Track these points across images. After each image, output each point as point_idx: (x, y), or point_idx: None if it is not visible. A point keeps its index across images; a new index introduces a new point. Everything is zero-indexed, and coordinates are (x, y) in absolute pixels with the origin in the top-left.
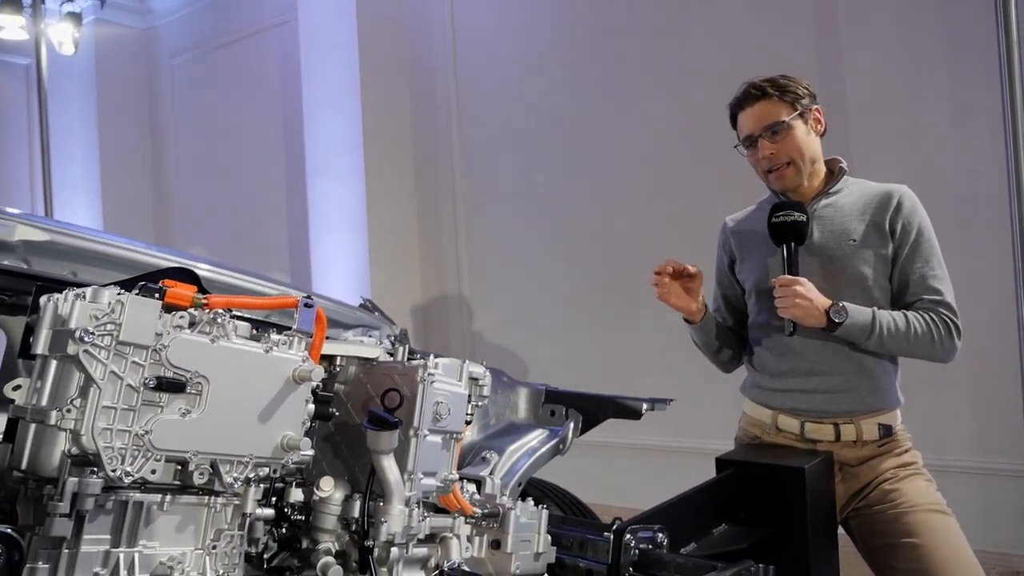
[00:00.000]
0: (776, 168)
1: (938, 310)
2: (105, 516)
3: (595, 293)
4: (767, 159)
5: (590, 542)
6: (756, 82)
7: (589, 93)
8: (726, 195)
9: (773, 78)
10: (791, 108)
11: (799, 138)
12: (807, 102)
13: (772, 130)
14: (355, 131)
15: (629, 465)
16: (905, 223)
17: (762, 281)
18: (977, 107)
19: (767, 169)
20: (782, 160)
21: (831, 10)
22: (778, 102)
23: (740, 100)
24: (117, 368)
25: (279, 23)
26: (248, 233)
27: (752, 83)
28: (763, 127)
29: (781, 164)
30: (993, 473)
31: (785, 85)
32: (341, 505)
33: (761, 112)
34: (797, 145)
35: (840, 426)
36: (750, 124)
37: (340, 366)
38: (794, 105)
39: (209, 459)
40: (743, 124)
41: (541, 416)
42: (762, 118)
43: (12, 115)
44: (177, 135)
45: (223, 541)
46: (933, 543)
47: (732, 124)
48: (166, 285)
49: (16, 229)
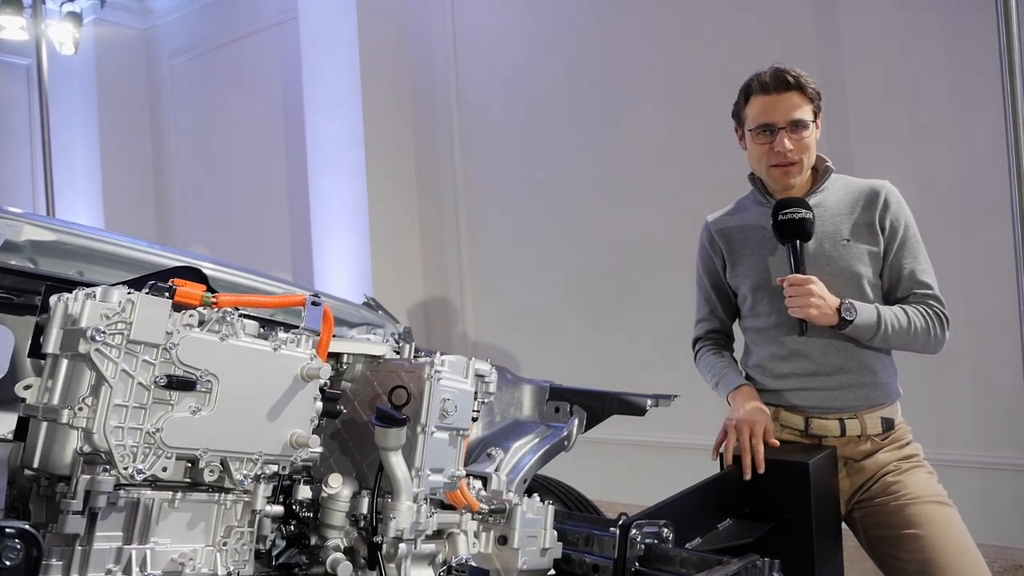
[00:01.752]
0: (785, 164)
1: (930, 303)
2: (117, 513)
3: (597, 289)
4: (781, 153)
5: (596, 537)
6: (789, 69)
7: (590, 91)
8: (729, 193)
9: (797, 72)
10: (812, 107)
11: (812, 140)
12: (820, 103)
13: (797, 126)
14: (356, 129)
15: (632, 461)
16: (893, 220)
17: (762, 282)
18: (977, 105)
19: (776, 163)
20: (794, 157)
21: (831, 10)
22: (806, 98)
23: (768, 83)
24: (128, 367)
25: (280, 22)
26: (250, 232)
27: (785, 69)
28: (789, 120)
29: (792, 161)
30: (994, 467)
31: (811, 82)
32: (349, 502)
33: (791, 104)
34: (810, 146)
35: (845, 421)
36: (774, 112)
37: (347, 364)
38: (814, 104)
39: (219, 456)
40: (764, 108)
41: (545, 413)
42: (791, 109)
43: (13, 115)
44: (178, 134)
45: (233, 538)
46: (935, 534)
47: (742, 103)
48: (175, 284)
49: (23, 229)
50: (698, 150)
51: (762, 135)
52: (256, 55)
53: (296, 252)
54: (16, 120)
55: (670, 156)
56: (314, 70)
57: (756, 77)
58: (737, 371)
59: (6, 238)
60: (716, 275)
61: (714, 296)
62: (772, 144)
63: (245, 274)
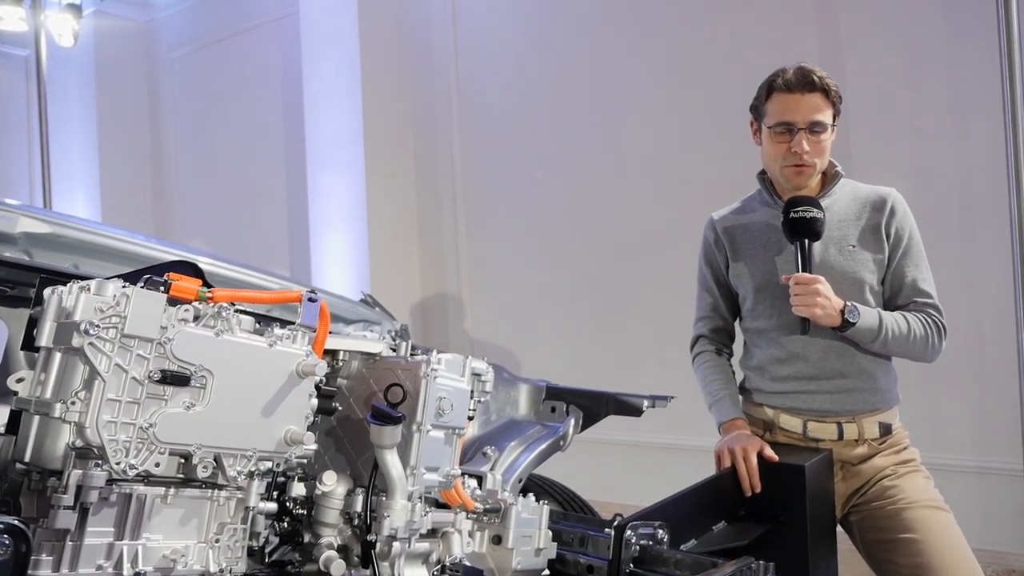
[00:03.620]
0: (800, 165)
1: (930, 312)
2: (109, 509)
3: (595, 289)
4: (798, 154)
5: (591, 538)
6: (815, 70)
7: (590, 89)
8: (728, 193)
9: (822, 73)
10: (833, 111)
11: (829, 143)
12: (840, 108)
13: (817, 127)
14: (356, 125)
15: (628, 462)
16: (899, 227)
17: (765, 283)
18: (977, 106)
19: (791, 163)
20: (809, 160)
21: (832, 9)
22: (828, 101)
23: (792, 82)
24: (122, 361)
25: (280, 17)
26: (247, 227)
27: (811, 69)
28: (811, 121)
29: (807, 163)
30: (990, 472)
31: (834, 85)
32: (343, 499)
33: (814, 105)
34: (826, 150)
35: (843, 425)
36: (796, 112)
37: (343, 361)
38: (835, 108)
39: (213, 453)
40: (787, 107)
41: (542, 412)
42: (813, 111)
43: (11, 106)
44: (177, 128)
45: (226, 534)
46: (931, 539)
47: (764, 99)
48: (171, 278)
49: (18, 221)
50: (697, 150)
51: (781, 134)
52: (256, 50)
53: (293, 248)
54: (14, 112)
55: (669, 156)
56: (314, 66)
57: (781, 74)
58: (734, 400)
59: (1, 230)
60: (719, 273)
61: (716, 294)
62: (790, 144)
63: (242, 269)
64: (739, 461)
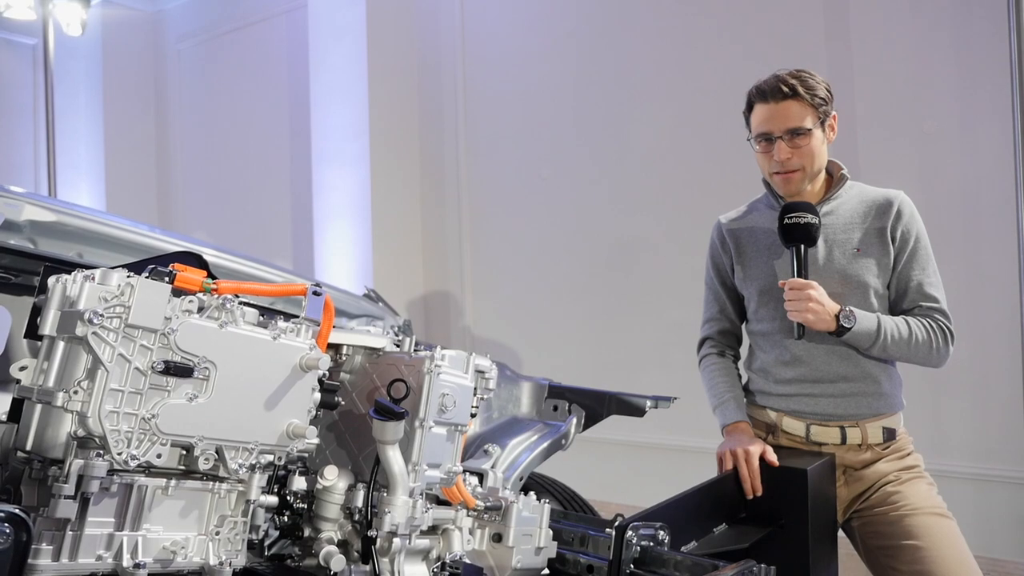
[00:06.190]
0: (785, 172)
1: (936, 317)
2: (110, 499)
3: (598, 288)
4: (780, 162)
5: (591, 538)
6: (787, 78)
7: (595, 88)
8: (730, 193)
9: (802, 75)
10: (815, 114)
11: (815, 146)
12: (827, 108)
13: (794, 134)
14: (361, 119)
15: (629, 462)
16: (905, 231)
17: (768, 285)
18: (986, 110)
19: (776, 171)
20: (794, 165)
21: (841, 12)
22: (806, 105)
23: (766, 92)
24: (125, 351)
25: (288, 10)
26: (252, 219)
27: (783, 78)
28: (785, 129)
29: (792, 169)
30: (991, 479)
31: (814, 87)
32: (344, 494)
33: (787, 112)
34: (812, 153)
35: (846, 429)
36: (771, 122)
37: (346, 355)
38: (818, 111)
39: (214, 445)
40: (763, 117)
41: (544, 411)
42: (786, 119)
43: (18, 95)
44: (182, 119)
45: (226, 527)
46: (934, 545)
47: (747, 110)
48: (175, 269)
49: (23, 209)
50: (702, 151)
51: (762, 143)
52: (263, 43)
53: (297, 241)
54: (20, 100)
55: (674, 157)
56: (321, 59)
57: (756, 85)
58: (738, 402)
59: (6, 217)
60: (726, 275)
61: (724, 296)
62: (772, 153)
63: (246, 261)
64: (741, 464)
